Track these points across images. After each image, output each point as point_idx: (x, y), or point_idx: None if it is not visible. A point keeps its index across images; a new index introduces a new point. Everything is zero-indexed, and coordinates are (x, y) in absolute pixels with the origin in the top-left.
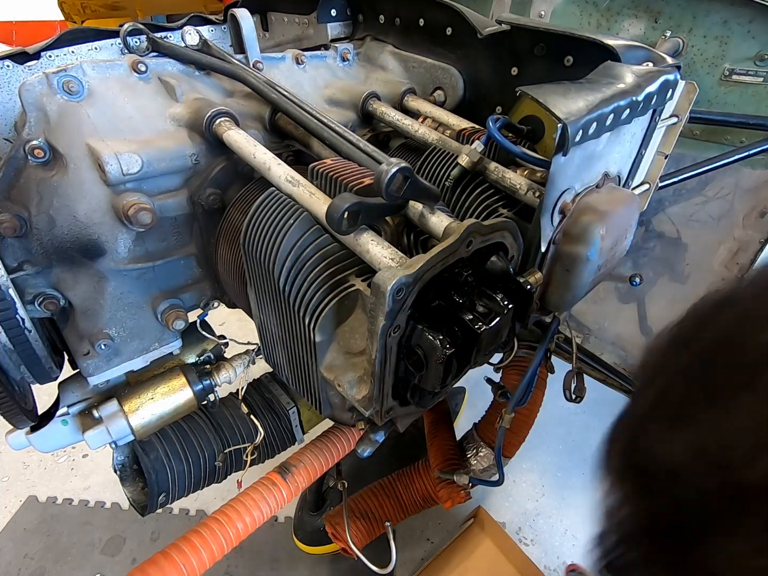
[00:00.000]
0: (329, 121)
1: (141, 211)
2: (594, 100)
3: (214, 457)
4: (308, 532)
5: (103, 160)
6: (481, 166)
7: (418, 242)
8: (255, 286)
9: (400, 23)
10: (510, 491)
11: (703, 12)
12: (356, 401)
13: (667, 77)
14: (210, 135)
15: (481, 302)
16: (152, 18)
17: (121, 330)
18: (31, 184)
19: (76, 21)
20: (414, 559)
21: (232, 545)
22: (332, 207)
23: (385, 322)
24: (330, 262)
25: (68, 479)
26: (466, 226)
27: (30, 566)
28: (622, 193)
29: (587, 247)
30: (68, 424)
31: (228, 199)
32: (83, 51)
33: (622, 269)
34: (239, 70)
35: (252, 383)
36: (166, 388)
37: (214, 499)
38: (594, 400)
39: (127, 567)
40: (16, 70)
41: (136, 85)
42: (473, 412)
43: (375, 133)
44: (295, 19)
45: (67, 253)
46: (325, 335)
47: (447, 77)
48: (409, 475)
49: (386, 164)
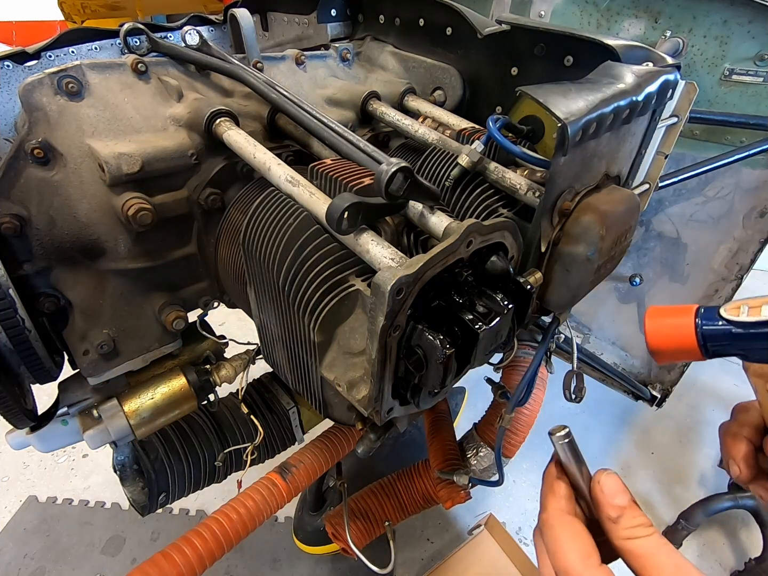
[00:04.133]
0: (329, 121)
1: (141, 211)
2: (594, 100)
3: (214, 457)
4: (308, 532)
5: (103, 160)
6: (481, 166)
7: (418, 242)
8: (255, 286)
9: (400, 23)
10: (510, 491)
11: (703, 12)
12: (356, 401)
13: (667, 77)
14: (210, 135)
15: (481, 302)
16: (152, 18)
17: (121, 330)
18: (31, 184)
19: (76, 21)
20: (414, 559)
21: (232, 545)
22: (332, 207)
23: (385, 322)
24: (330, 262)
25: (68, 479)
26: (466, 226)
27: (30, 566)
28: (622, 193)
29: (587, 247)
30: (68, 424)
31: (228, 199)
32: (83, 51)
33: (622, 269)
34: (239, 70)
35: (252, 383)
36: (166, 388)
37: (214, 499)
38: (594, 400)
39: (127, 567)
40: (16, 70)
41: (136, 85)
42: (473, 412)
43: (375, 133)
44: (295, 19)
45: (67, 253)
46: (325, 335)
47: (447, 77)
48: (409, 475)
49: (386, 164)
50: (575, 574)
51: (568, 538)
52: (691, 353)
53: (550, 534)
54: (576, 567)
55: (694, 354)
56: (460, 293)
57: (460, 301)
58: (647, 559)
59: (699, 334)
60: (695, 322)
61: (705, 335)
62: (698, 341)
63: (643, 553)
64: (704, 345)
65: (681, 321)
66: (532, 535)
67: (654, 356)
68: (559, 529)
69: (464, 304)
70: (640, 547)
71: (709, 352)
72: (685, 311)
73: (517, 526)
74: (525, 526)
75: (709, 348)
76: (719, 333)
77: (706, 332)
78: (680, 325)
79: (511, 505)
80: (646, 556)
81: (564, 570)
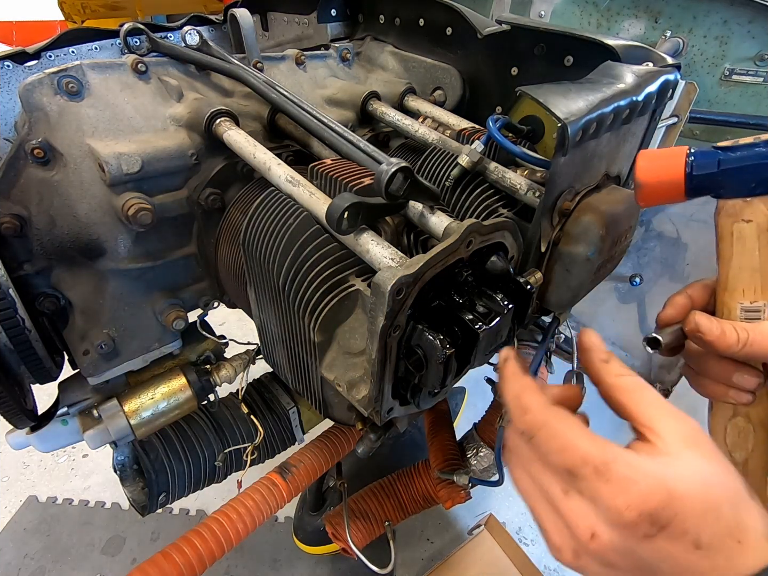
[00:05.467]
0: (329, 121)
1: (141, 211)
2: (594, 100)
3: (214, 457)
4: (308, 532)
5: (103, 160)
6: (481, 166)
7: (418, 242)
8: (255, 286)
9: (400, 23)
10: (510, 491)
11: (703, 12)
12: (356, 401)
13: (667, 77)
14: (210, 135)
15: (481, 302)
16: (152, 18)
17: (121, 330)
18: (31, 184)
19: (76, 21)
20: (414, 559)
21: (232, 545)
22: (332, 207)
23: (385, 322)
24: (330, 262)
25: (68, 479)
26: (466, 226)
27: (30, 566)
28: (622, 193)
29: (587, 247)
30: (68, 424)
31: (228, 199)
32: (83, 51)
33: (622, 269)
34: (239, 70)
35: (252, 383)
36: (166, 388)
37: (214, 499)
38: (594, 400)
39: (127, 567)
40: (16, 70)
41: (136, 85)
42: (473, 412)
43: (375, 133)
44: (295, 19)
45: (67, 253)
46: (325, 335)
47: (447, 77)
48: (409, 475)
49: (386, 164)
50: (601, 460)
51: (572, 427)
52: (674, 188)
53: (545, 433)
54: (596, 454)
55: (677, 189)
56: (460, 293)
57: (460, 301)
58: (639, 393)
59: (687, 164)
60: (686, 152)
61: (693, 164)
62: (685, 171)
63: (633, 387)
64: (690, 174)
65: (673, 152)
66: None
67: (637, 192)
68: (557, 424)
69: (464, 304)
70: (631, 383)
71: (693, 183)
72: (678, 149)
73: (517, 526)
74: (525, 526)
75: (693, 179)
76: (707, 161)
77: (695, 160)
78: (671, 155)
79: (511, 505)
80: (637, 389)
81: (582, 462)
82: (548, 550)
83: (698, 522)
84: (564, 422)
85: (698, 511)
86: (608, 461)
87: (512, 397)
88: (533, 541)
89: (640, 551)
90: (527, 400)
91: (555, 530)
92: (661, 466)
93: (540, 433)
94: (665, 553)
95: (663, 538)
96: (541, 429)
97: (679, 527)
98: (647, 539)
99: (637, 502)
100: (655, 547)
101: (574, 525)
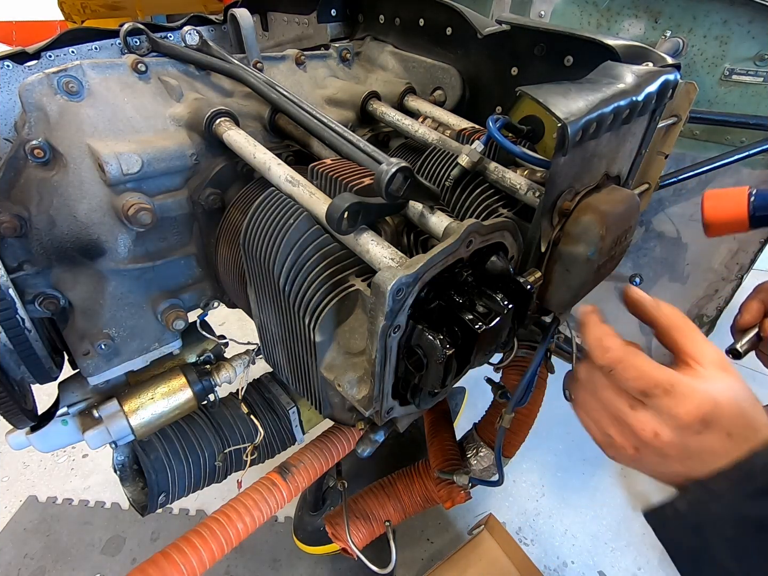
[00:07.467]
0: (329, 121)
1: (141, 211)
2: (594, 100)
3: (214, 457)
4: (308, 532)
5: (103, 160)
6: (481, 166)
7: (418, 242)
8: (255, 286)
9: (400, 23)
10: (510, 491)
11: (703, 12)
12: (356, 401)
13: (667, 77)
14: (210, 135)
15: (481, 302)
16: (152, 18)
17: (121, 330)
18: (31, 184)
19: (76, 21)
20: (414, 559)
21: (232, 545)
22: (332, 207)
23: (385, 322)
24: (330, 262)
25: (68, 479)
26: (466, 226)
27: (30, 566)
28: (622, 193)
29: (587, 247)
30: (68, 424)
31: (228, 199)
32: (83, 51)
33: (622, 269)
34: (239, 70)
35: (252, 383)
36: (166, 388)
37: (214, 499)
38: None
39: (127, 567)
40: (16, 70)
41: (136, 85)
42: (473, 412)
43: (375, 133)
44: (295, 19)
45: (67, 253)
46: (325, 335)
47: (447, 77)
48: (409, 475)
49: (386, 164)
50: (669, 383)
51: (644, 360)
52: (738, 224)
53: (624, 365)
54: (664, 378)
55: (741, 226)
56: (460, 293)
57: (460, 301)
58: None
59: (750, 204)
60: (748, 193)
61: (756, 204)
62: (748, 208)
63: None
64: (753, 215)
65: (735, 193)
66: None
67: (706, 229)
68: (633, 358)
69: (464, 304)
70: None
71: (755, 220)
72: (739, 189)
73: (517, 526)
74: (525, 526)
75: (756, 219)
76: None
77: (756, 201)
78: (734, 195)
79: (511, 505)
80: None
81: (654, 384)
82: (605, 452)
83: (730, 421)
84: (638, 357)
85: (731, 414)
86: (674, 383)
87: (594, 340)
88: (533, 541)
89: (690, 443)
90: (608, 342)
91: (619, 434)
92: (707, 384)
93: (619, 366)
94: (707, 443)
95: (707, 433)
96: (620, 362)
97: (718, 425)
98: (696, 434)
99: (693, 410)
100: (701, 439)
101: (640, 428)
